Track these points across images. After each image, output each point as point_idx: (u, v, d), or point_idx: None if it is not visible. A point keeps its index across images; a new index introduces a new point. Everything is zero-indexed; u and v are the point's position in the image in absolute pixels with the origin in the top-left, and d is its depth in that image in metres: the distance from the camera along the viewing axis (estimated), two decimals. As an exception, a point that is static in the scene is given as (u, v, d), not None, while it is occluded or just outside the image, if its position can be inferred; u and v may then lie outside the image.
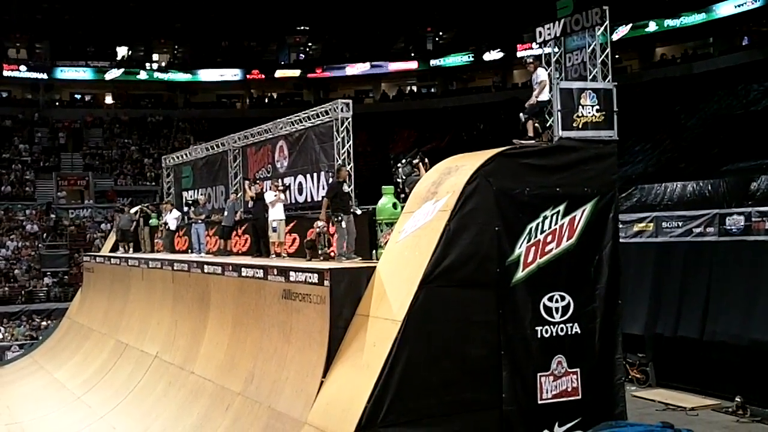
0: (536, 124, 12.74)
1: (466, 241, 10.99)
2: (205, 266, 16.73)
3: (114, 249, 24.75)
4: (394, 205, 13.38)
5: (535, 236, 11.49)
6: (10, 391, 22.79)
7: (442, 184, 11.65)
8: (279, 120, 18.92)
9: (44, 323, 31.95)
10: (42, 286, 35.86)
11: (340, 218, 13.55)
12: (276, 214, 15.92)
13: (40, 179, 44.77)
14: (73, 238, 39.80)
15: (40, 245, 38.98)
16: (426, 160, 13.57)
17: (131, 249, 23.59)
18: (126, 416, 17.01)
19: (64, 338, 25.77)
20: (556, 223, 11.64)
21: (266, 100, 56.77)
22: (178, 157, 25.69)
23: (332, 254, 14.47)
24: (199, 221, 19.81)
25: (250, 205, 17.77)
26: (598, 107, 12.32)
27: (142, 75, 53.63)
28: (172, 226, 21.15)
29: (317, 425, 11.08)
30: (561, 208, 11.70)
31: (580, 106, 12.21)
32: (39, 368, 24.39)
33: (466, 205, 11.11)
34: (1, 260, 37.12)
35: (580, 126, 12.21)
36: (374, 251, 13.53)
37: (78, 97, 54.46)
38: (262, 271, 14.01)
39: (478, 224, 11.12)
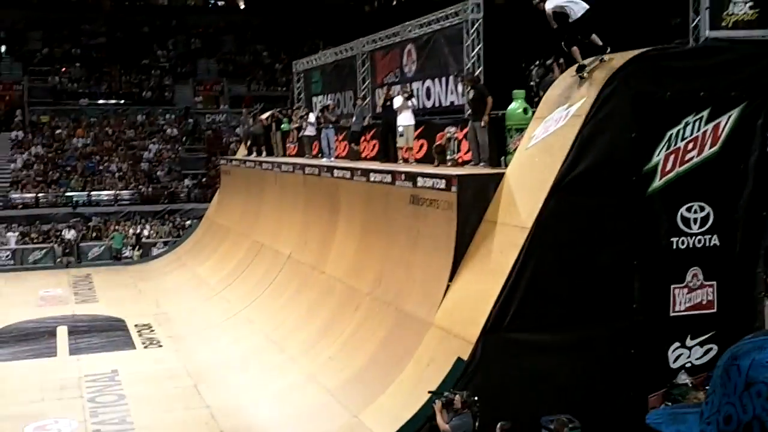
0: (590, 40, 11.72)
1: (601, 148, 10.63)
2: (335, 171, 17.02)
3: (248, 153, 25.53)
4: (525, 110, 13.04)
5: (675, 143, 10.94)
6: (158, 285, 24.37)
7: (576, 88, 11.23)
8: (407, 23, 18.63)
9: (186, 222, 33.61)
10: (182, 187, 37.61)
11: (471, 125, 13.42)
12: (404, 119, 15.88)
13: (178, 84, 46.34)
14: (210, 142, 41.30)
15: (179, 148, 40.72)
16: (561, 62, 13.03)
17: (264, 153, 24.23)
18: (261, 312, 17.90)
19: (204, 237, 27.13)
20: (698, 130, 11.02)
21: (394, 3, 55.88)
22: (308, 63, 25.91)
23: (460, 160, 14.37)
24: (329, 126, 20.02)
25: (378, 110, 17.78)
26: (751, 4, 11.41)
27: (273, -21, 53.77)
28: (310, 131, 21.11)
29: (443, 327, 11.28)
30: (704, 113, 11.04)
31: (731, 3, 11.36)
32: (182, 265, 25.88)
33: (602, 111, 10.69)
34: (146, 162, 39.08)
35: (730, 25, 11.39)
36: (503, 158, 13.32)
37: (211, 2, 55.42)
38: (389, 176, 14.12)
39: (613, 130, 10.71)
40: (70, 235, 31.36)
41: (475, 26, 15.55)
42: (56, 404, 14.09)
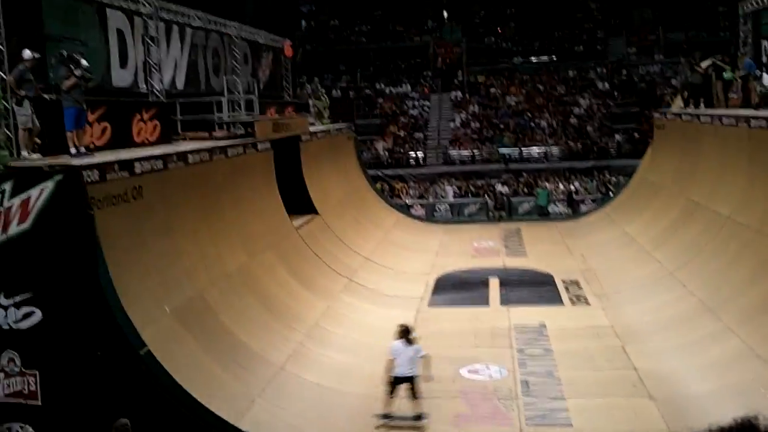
0: None
1: None
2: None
3: (685, 105, 23.98)
4: None
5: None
6: (585, 241, 24.37)
7: None
8: None
9: (614, 179, 33.04)
10: (612, 142, 36.96)
11: None
12: None
13: (611, 36, 45.42)
14: (643, 95, 39.87)
15: (610, 103, 40.02)
16: None
17: (702, 104, 22.53)
18: (695, 275, 16.79)
19: (635, 194, 26.34)
20: None
21: None
22: (757, 3, 23.31)
23: None
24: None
25: None
26: None
27: None
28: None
29: None
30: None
31: None
32: (610, 222, 25.49)
33: None
34: (575, 117, 39.18)
35: None
36: None
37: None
38: None
39: None
40: (502, 189, 32.88)
41: None
42: (488, 351, 14.83)
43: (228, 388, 11.45)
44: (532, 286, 19.64)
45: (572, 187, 32.81)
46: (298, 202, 20.60)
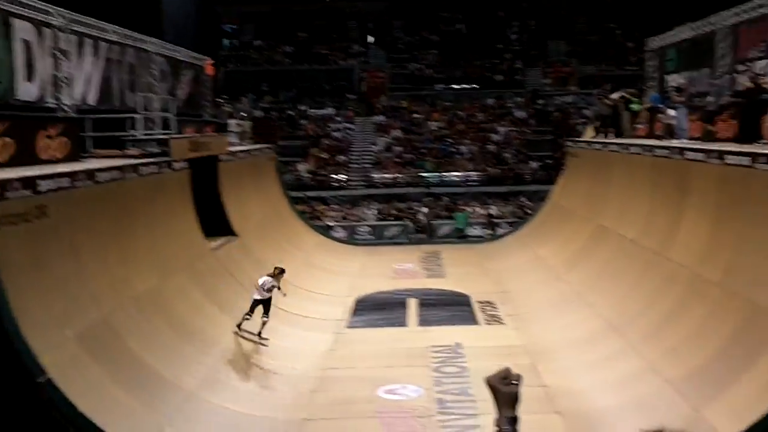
0: None
1: None
2: (686, 153, 15.91)
3: (596, 135, 24.88)
4: None
5: None
6: (501, 264, 24.94)
7: None
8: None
9: (529, 203, 33.89)
10: (528, 169, 37.93)
11: None
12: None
13: (529, 67, 46.66)
14: (557, 124, 41.07)
15: (527, 131, 41.07)
16: None
17: (612, 134, 23.43)
18: (603, 296, 17.41)
19: (548, 219, 27.09)
20: None
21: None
22: (662, 40, 24.44)
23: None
24: (681, 106, 18.69)
25: (739, 88, 16.20)
26: None
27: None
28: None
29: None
30: None
31: None
32: (525, 245, 26.12)
33: None
34: (493, 144, 40.06)
35: None
36: None
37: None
38: (749, 158, 12.83)
39: None
40: (422, 213, 33.33)
41: None
42: (405, 371, 15.08)
43: (135, 416, 11.11)
44: (449, 307, 19.97)
45: (490, 211, 33.50)
46: (217, 224, 20.40)
